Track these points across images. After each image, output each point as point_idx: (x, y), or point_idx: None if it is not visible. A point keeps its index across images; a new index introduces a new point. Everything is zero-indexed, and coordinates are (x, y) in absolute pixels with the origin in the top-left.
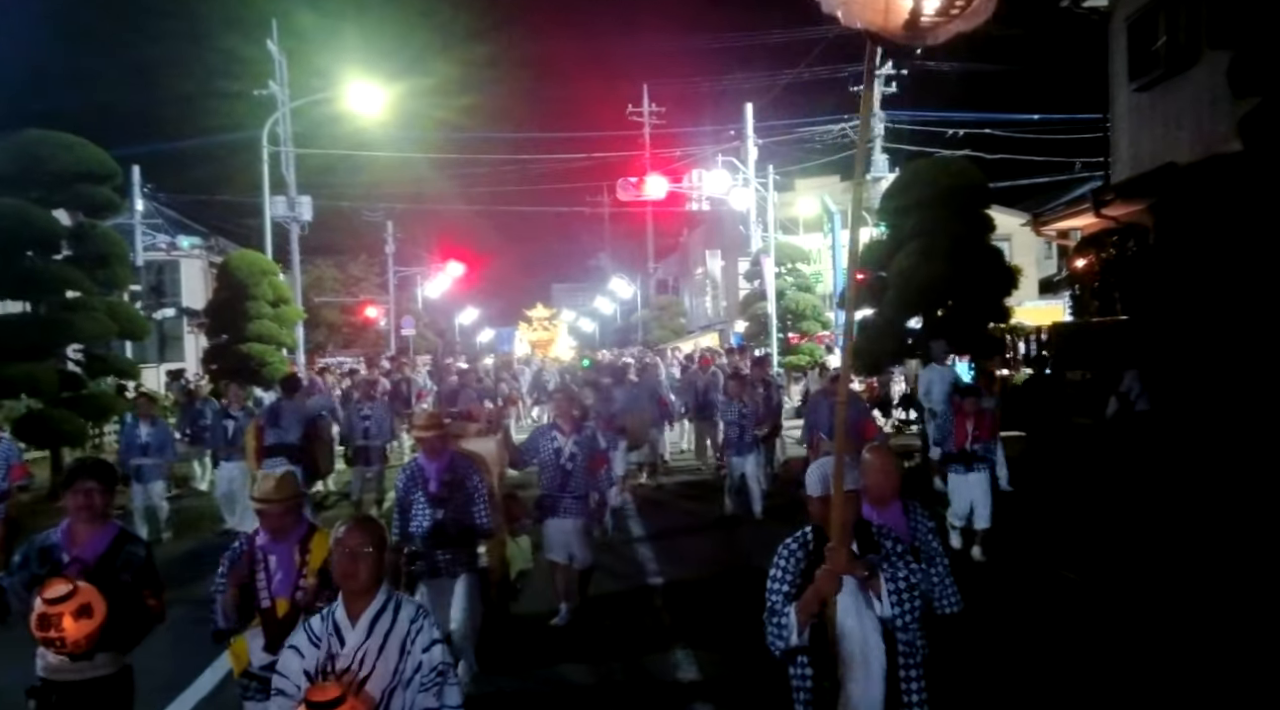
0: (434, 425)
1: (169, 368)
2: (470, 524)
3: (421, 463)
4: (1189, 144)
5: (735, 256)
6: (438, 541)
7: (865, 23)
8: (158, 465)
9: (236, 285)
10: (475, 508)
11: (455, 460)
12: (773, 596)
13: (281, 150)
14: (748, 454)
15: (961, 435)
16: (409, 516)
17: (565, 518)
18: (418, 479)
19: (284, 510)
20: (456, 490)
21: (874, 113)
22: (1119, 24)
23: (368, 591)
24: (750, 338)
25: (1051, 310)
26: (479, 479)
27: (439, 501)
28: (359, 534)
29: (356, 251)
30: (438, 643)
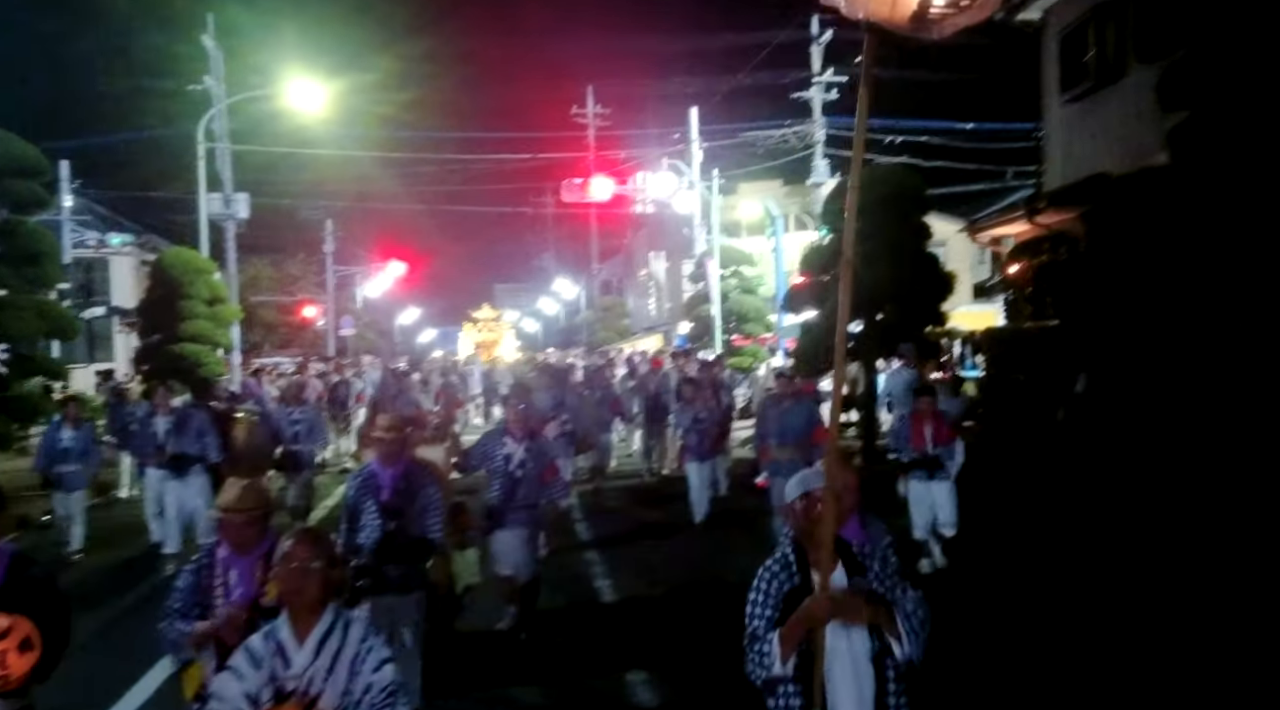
0: (394, 428)
1: (99, 368)
2: (422, 536)
3: (375, 469)
4: (1118, 155)
5: (679, 259)
6: (388, 555)
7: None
8: (79, 472)
9: (170, 283)
10: (429, 520)
11: (411, 468)
12: (754, 621)
13: (218, 146)
14: (707, 460)
15: (919, 438)
16: (358, 527)
17: (512, 529)
18: (370, 487)
19: (246, 521)
20: (410, 500)
21: (817, 120)
22: (1051, 37)
23: (316, 609)
24: (694, 339)
25: (985, 314)
26: (434, 489)
27: (391, 512)
28: (307, 547)
29: (295, 250)
30: (388, 662)
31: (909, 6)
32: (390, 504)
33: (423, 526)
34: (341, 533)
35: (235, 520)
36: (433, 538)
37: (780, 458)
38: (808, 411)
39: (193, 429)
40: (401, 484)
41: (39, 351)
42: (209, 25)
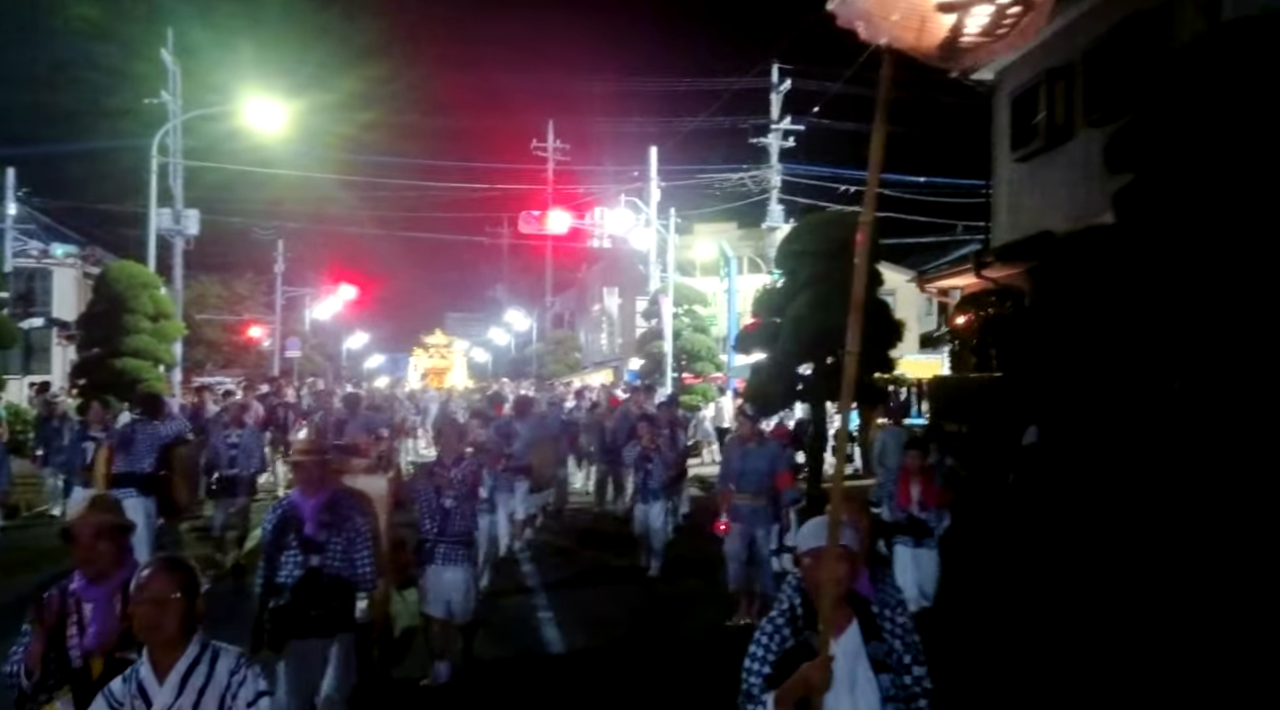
0: (314, 450)
1: (34, 380)
2: (350, 575)
3: (296, 499)
4: (1064, 213)
5: (633, 295)
6: (310, 594)
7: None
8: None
9: (114, 297)
10: (357, 555)
11: (337, 497)
12: (750, 679)
13: (170, 162)
14: (654, 502)
15: (904, 497)
16: (277, 563)
17: (445, 566)
18: (290, 519)
19: (94, 537)
20: (336, 533)
21: (774, 165)
22: (1003, 98)
23: (177, 644)
24: (645, 375)
25: (930, 364)
26: (363, 521)
27: (314, 546)
28: (164, 578)
29: (244, 269)
30: (265, 695)
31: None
32: (313, 538)
33: (351, 562)
34: (261, 569)
35: (83, 540)
36: (361, 575)
37: (740, 502)
38: (771, 455)
39: (140, 446)
40: (325, 515)
41: None
42: (168, 40)
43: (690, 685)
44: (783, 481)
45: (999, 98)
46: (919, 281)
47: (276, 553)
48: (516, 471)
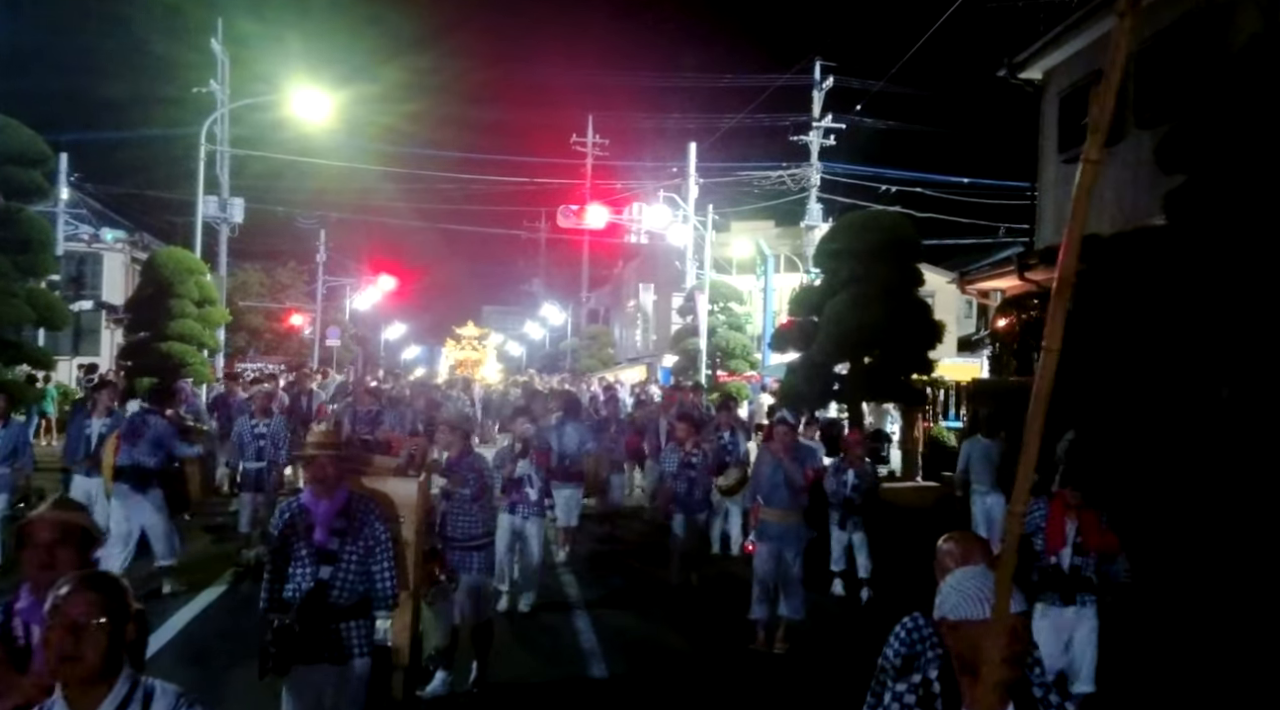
0: (329, 444)
1: (82, 361)
2: (368, 589)
3: (306, 502)
4: (1111, 216)
5: (668, 291)
6: (320, 612)
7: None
8: (4, 475)
9: (162, 282)
10: (376, 567)
11: (353, 501)
12: None
13: (218, 150)
14: (698, 513)
15: (1057, 539)
16: (283, 575)
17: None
18: (299, 524)
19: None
20: (352, 542)
21: (814, 164)
22: (1051, 97)
23: (99, 681)
24: (679, 372)
25: (969, 367)
26: (383, 529)
27: (326, 556)
28: (83, 599)
29: (286, 258)
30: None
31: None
32: (325, 547)
33: (367, 576)
34: (265, 582)
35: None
36: (380, 591)
37: (769, 519)
38: (799, 464)
39: (149, 438)
40: (340, 521)
41: (25, 339)
42: (218, 30)
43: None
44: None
45: (1047, 98)
46: (960, 283)
47: (283, 563)
48: (568, 477)
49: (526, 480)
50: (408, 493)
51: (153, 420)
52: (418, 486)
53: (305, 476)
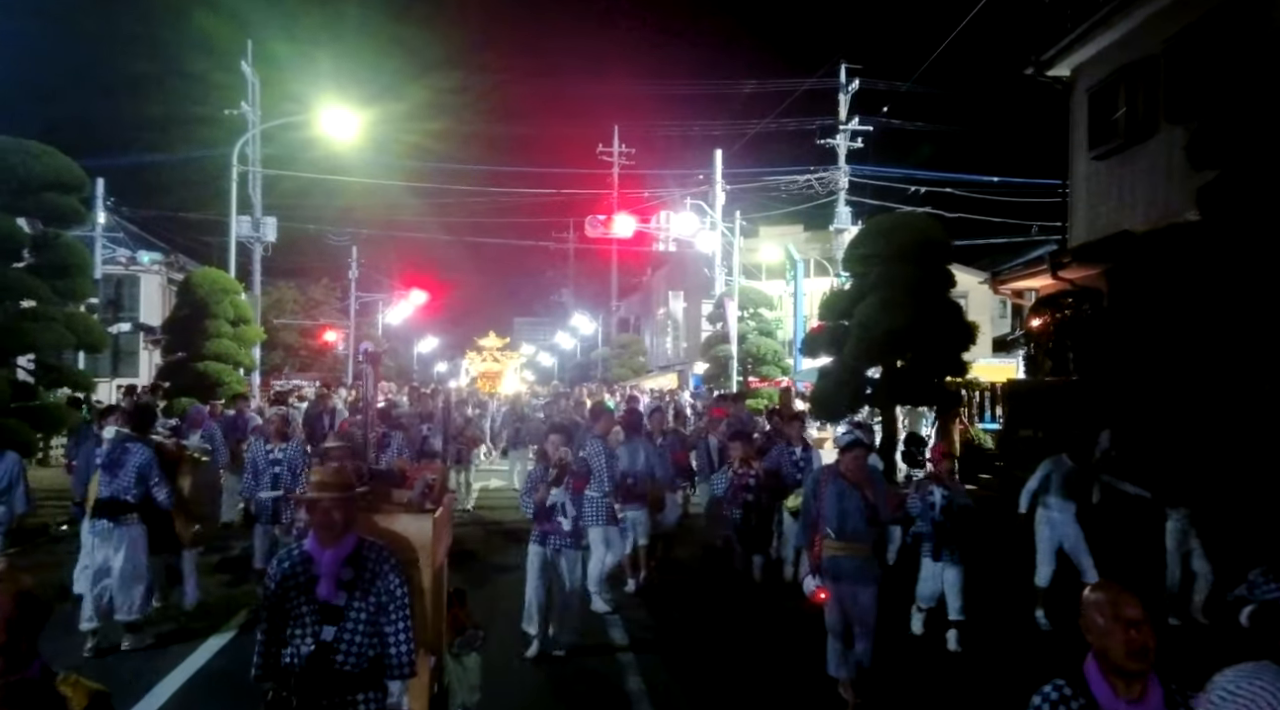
0: (335, 485)
1: (121, 382)
2: (380, 653)
3: (310, 549)
4: (1144, 212)
5: (698, 298)
6: (323, 680)
7: None
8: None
9: (197, 302)
10: (390, 627)
11: (364, 549)
12: None
13: (250, 170)
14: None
15: None
16: (281, 636)
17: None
18: (300, 575)
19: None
20: (361, 597)
21: (841, 167)
22: (1080, 94)
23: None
24: (710, 379)
25: (1004, 368)
26: (399, 582)
27: (330, 614)
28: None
29: (319, 275)
30: None
31: None
32: (328, 602)
33: (379, 637)
34: (259, 643)
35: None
36: (395, 655)
37: (839, 555)
38: (881, 489)
39: (130, 468)
40: (347, 572)
41: (66, 363)
42: (248, 52)
43: None
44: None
45: (1076, 95)
46: (992, 283)
47: (280, 622)
48: (634, 498)
49: (560, 508)
50: (421, 531)
51: (134, 448)
52: (433, 523)
53: (311, 522)
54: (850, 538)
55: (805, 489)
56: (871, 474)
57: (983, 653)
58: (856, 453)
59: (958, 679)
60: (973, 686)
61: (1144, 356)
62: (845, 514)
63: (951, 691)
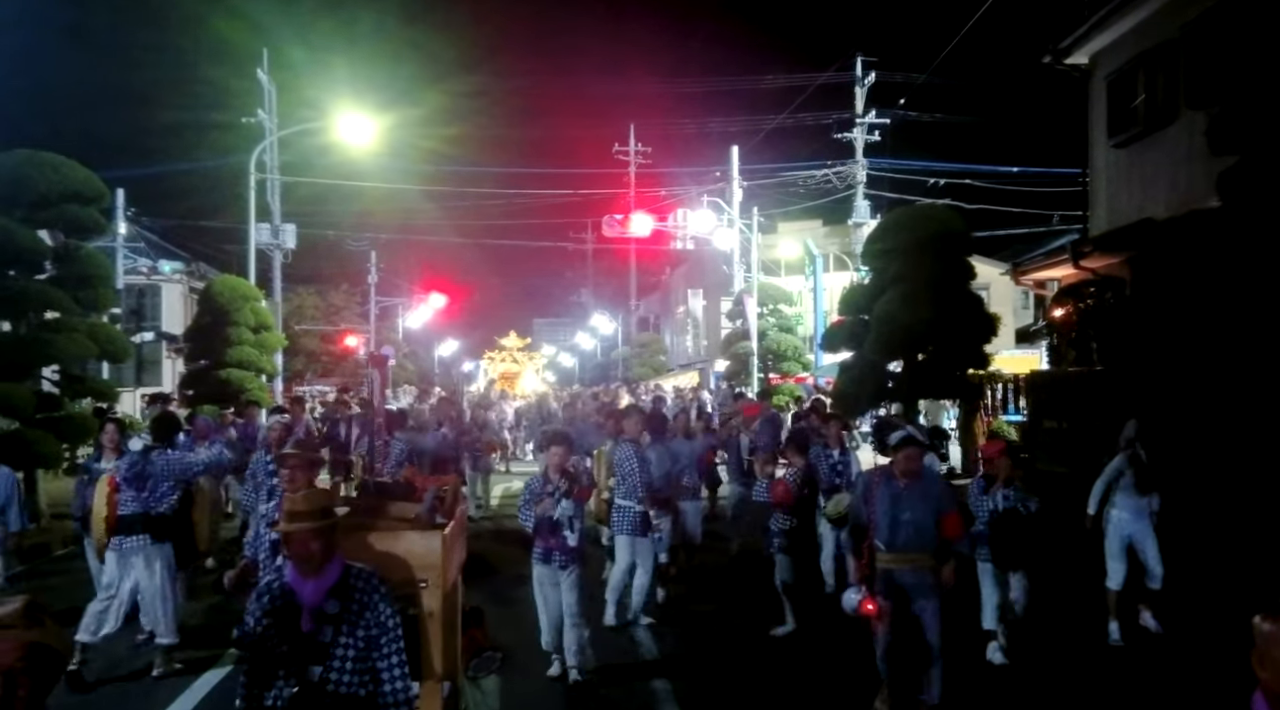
0: (307, 512)
1: (145, 391)
2: (373, 691)
3: (291, 581)
4: (1165, 200)
5: (717, 296)
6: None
7: None
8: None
9: (218, 310)
10: (383, 662)
11: (350, 577)
12: None
13: (268, 178)
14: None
15: None
16: (264, 678)
17: None
18: (281, 610)
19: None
20: (348, 631)
21: (859, 161)
22: (1099, 82)
23: None
24: (731, 377)
25: (1028, 359)
26: (390, 612)
27: (316, 651)
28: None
29: (339, 280)
30: None
31: None
32: (312, 638)
33: (370, 674)
34: (239, 689)
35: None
36: (387, 694)
37: (893, 566)
38: (937, 494)
39: (160, 478)
40: (331, 604)
41: (89, 373)
42: (264, 60)
43: None
44: (953, 527)
45: (1094, 82)
46: (1014, 274)
47: (263, 661)
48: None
49: (566, 523)
50: (429, 550)
51: (158, 458)
52: (441, 540)
53: (288, 552)
54: (905, 547)
55: (854, 492)
56: (928, 476)
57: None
58: (909, 451)
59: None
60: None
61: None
62: (899, 521)
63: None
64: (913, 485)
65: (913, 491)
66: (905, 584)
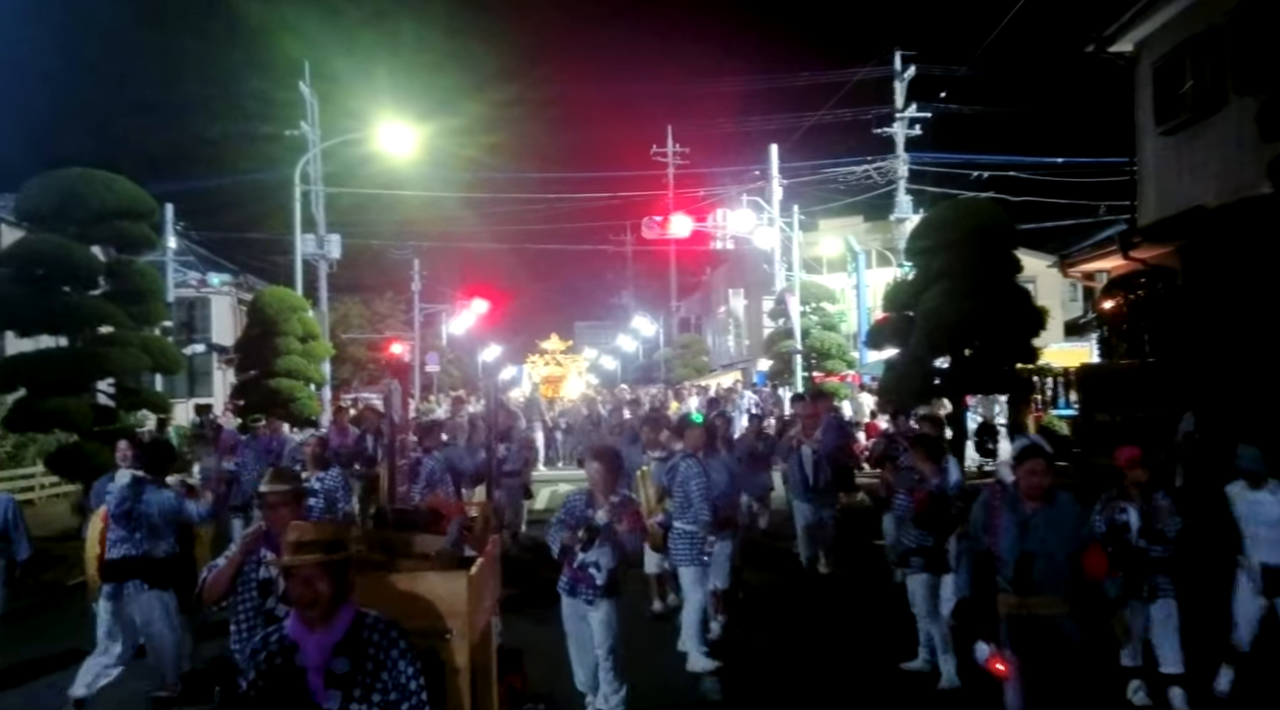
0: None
1: (197, 402)
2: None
3: (292, 633)
4: (1216, 187)
5: (758, 295)
6: None
7: None
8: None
9: (267, 321)
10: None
11: (363, 628)
12: None
13: (312, 189)
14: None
15: None
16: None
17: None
18: (280, 670)
19: None
20: (363, 695)
21: (900, 155)
22: (1145, 69)
23: None
24: (774, 376)
25: (1077, 352)
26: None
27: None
28: None
29: (383, 289)
30: None
31: None
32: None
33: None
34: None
35: None
36: None
37: (1025, 614)
38: (1073, 520)
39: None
40: (341, 664)
41: (144, 385)
42: (305, 73)
43: None
44: (1097, 564)
45: (1140, 70)
46: (1061, 266)
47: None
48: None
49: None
50: (453, 593)
51: (151, 496)
52: (467, 582)
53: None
54: (1037, 589)
55: (972, 517)
56: (1061, 498)
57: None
58: (1033, 464)
59: None
60: None
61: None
62: (1028, 555)
63: None
64: (1042, 509)
65: (1042, 517)
66: (1038, 634)
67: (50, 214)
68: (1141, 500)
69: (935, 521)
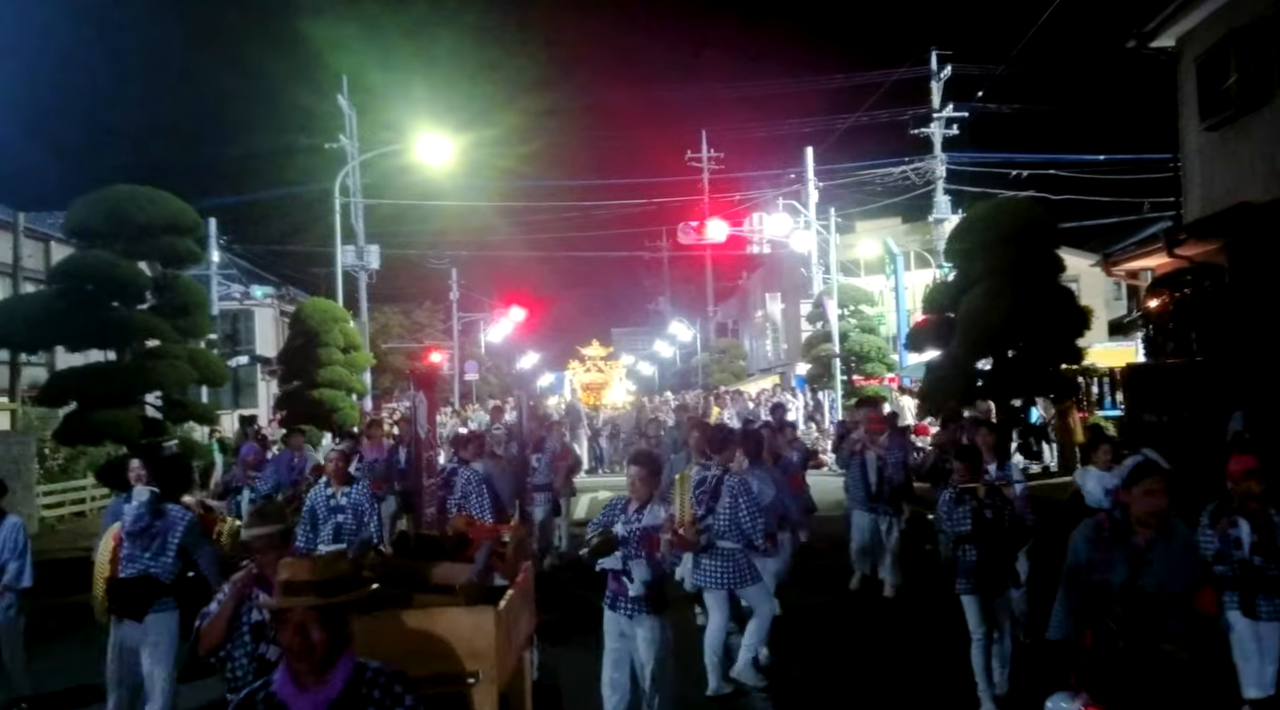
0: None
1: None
2: None
3: (280, 691)
4: (1263, 182)
5: (796, 299)
6: None
7: None
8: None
9: (309, 332)
10: None
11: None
12: None
13: (351, 201)
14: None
15: None
16: None
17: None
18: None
19: None
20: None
21: (938, 155)
22: (1188, 64)
23: None
24: (813, 380)
25: (1123, 352)
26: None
27: None
28: None
29: (422, 298)
30: None
31: None
32: None
33: None
34: None
35: None
36: None
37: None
38: (1189, 551)
39: (165, 539)
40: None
41: (189, 397)
42: (344, 87)
43: None
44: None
45: (1183, 64)
46: (1105, 265)
47: None
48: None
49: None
50: (480, 630)
51: (168, 514)
52: (495, 618)
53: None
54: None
55: (1071, 546)
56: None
57: None
58: (1151, 484)
59: None
60: None
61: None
62: (1136, 591)
63: None
64: (1157, 540)
65: (1157, 549)
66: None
67: (98, 231)
68: (1258, 514)
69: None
